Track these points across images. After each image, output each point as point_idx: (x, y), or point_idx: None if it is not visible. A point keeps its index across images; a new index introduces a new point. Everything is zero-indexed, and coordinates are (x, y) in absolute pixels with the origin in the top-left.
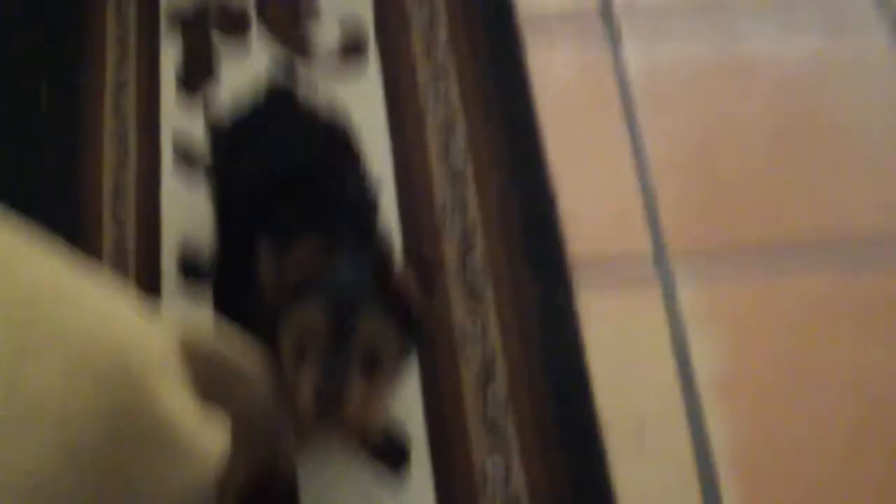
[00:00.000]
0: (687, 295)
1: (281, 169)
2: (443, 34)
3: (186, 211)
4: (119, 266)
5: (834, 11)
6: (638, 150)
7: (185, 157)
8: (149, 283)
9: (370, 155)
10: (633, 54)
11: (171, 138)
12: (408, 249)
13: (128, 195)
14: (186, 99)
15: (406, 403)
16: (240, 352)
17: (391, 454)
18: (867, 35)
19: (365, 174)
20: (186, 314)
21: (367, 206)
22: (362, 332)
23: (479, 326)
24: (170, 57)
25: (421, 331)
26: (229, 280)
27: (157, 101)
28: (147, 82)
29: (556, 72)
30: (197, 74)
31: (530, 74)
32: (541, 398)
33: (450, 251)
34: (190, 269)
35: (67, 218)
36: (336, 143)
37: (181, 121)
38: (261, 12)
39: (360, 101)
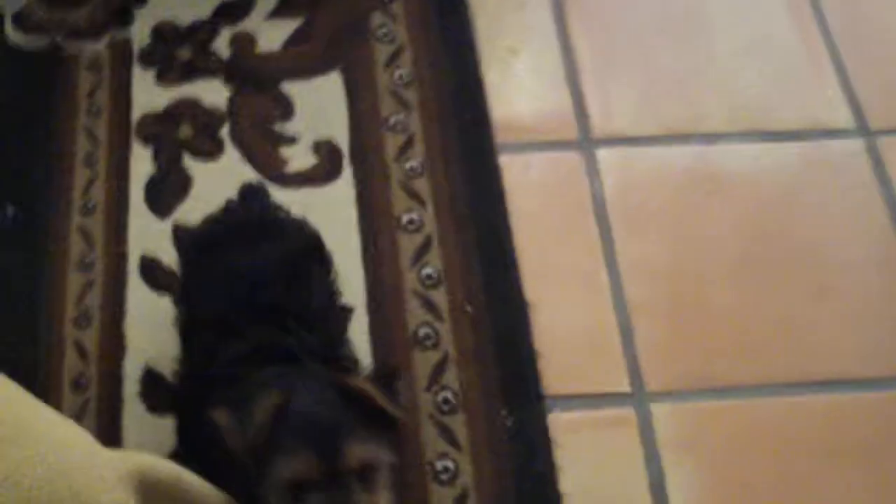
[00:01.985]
0: (664, 431)
1: (248, 279)
2: (417, 157)
3: (152, 336)
4: (79, 396)
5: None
6: (614, 282)
7: (152, 279)
8: (110, 413)
9: (342, 282)
10: (608, 179)
11: (138, 261)
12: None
13: (92, 322)
14: (156, 221)
15: None
16: (203, 485)
17: None
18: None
19: (334, 282)
20: (149, 447)
21: (335, 316)
22: (351, 453)
23: (452, 466)
24: (140, 178)
25: (395, 429)
26: (195, 415)
27: (125, 224)
28: (115, 204)
29: (532, 196)
30: (167, 197)
31: (506, 197)
32: None
33: (421, 383)
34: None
35: (27, 346)
36: (305, 249)
37: (150, 243)
38: (235, 137)
39: (333, 226)
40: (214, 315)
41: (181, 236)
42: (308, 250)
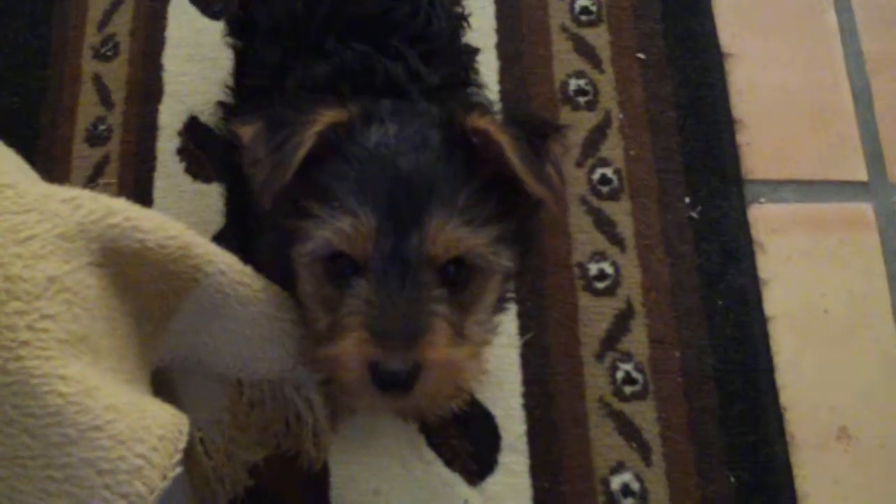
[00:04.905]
0: None
1: None
2: None
3: (200, 74)
4: (97, 149)
5: None
6: (846, 28)
7: None
8: (137, 174)
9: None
10: None
11: None
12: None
13: (119, 52)
14: None
15: (497, 372)
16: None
17: (473, 442)
18: None
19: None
20: (184, 207)
21: (458, 46)
22: (436, 232)
23: (611, 270)
24: None
25: (530, 222)
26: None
27: None
28: None
29: None
30: None
31: None
32: (698, 385)
33: (571, 153)
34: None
35: (31, 81)
36: None
37: None
38: None
39: None
40: (287, 24)
41: None
42: None
